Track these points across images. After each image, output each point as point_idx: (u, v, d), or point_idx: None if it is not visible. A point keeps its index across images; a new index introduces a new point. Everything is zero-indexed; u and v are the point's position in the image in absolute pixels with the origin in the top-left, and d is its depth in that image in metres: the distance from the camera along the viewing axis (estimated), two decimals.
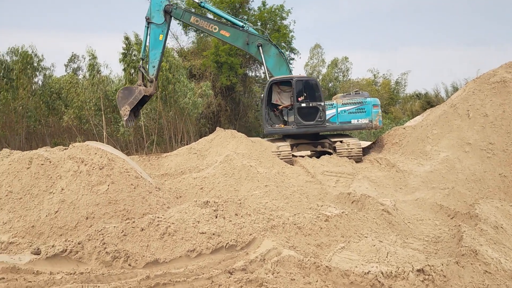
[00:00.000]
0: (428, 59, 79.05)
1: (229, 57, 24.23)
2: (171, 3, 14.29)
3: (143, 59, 14.10)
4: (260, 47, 14.38)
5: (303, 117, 13.37)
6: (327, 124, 13.65)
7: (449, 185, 9.16)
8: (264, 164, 10.62)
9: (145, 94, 13.70)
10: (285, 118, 13.95)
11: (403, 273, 4.67)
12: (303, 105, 13.41)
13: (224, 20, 15.46)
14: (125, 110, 13.30)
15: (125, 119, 13.32)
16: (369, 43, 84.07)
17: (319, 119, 13.45)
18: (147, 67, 13.88)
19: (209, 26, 14.37)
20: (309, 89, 13.66)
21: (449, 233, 6.57)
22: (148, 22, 13.81)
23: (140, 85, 13.73)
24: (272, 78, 14.02)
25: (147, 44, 13.97)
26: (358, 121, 13.86)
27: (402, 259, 5.30)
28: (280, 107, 14.01)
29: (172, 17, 14.22)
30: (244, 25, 14.80)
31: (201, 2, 15.12)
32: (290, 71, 15.00)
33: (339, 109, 13.84)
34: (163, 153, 15.80)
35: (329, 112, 13.72)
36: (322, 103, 13.56)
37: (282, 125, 13.78)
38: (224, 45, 24.36)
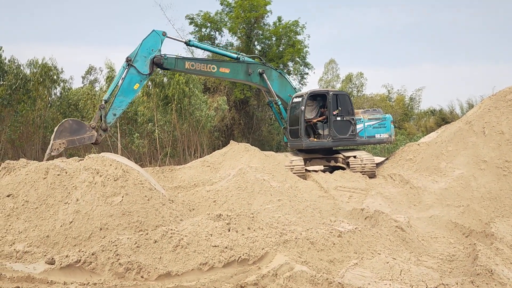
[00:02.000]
0: (443, 76, 78.54)
1: None
2: (162, 54, 12.57)
3: (106, 101, 11.80)
4: (263, 74, 14.02)
5: (338, 130, 13.57)
6: (357, 138, 13.92)
7: (464, 202, 9.05)
8: (277, 178, 10.62)
9: (92, 142, 11.51)
10: (320, 131, 13.95)
11: None
12: (338, 118, 13.61)
13: (218, 56, 14.52)
14: (59, 145, 10.81)
15: (52, 153, 10.65)
16: (384, 59, 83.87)
17: (351, 133, 13.71)
18: (107, 111, 11.66)
19: (207, 67, 13.22)
20: (342, 102, 13.88)
21: (464, 252, 6.49)
22: (129, 64, 11.98)
23: (94, 127, 11.37)
24: (311, 90, 14.13)
25: (118, 85, 12.03)
26: (380, 135, 14.27)
27: (416, 277, 5.24)
28: (314, 120, 14.04)
29: (161, 68, 12.95)
30: (239, 56, 14.18)
31: (189, 40, 13.98)
32: (294, 89, 15.09)
33: (366, 124, 14.17)
34: (177, 165, 15.90)
35: (358, 127, 14.01)
36: (354, 117, 13.83)
37: (314, 139, 13.82)
38: None
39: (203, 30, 27.57)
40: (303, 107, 13.35)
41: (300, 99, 13.75)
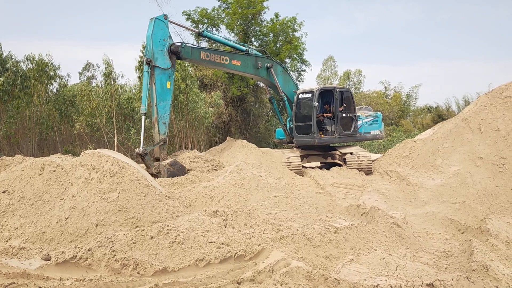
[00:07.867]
0: (440, 73, 78.84)
1: None
2: (176, 42, 12.24)
3: (145, 114, 11.60)
4: (271, 69, 13.92)
5: (343, 126, 13.81)
6: (358, 134, 14.27)
7: (460, 199, 9.08)
8: (274, 174, 10.62)
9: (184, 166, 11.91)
10: (328, 127, 14.04)
11: (412, 287, 4.62)
12: (344, 115, 13.87)
13: (228, 48, 14.49)
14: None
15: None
16: (382, 57, 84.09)
17: (354, 129, 14.00)
18: (158, 126, 11.76)
19: (220, 58, 12.92)
20: (346, 99, 14.10)
21: (460, 248, 6.51)
22: (150, 65, 11.39)
23: (165, 159, 11.99)
24: (321, 87, 14.23)
25: (153, 93, 11.62)
26: (374, 132, 14.74)
27: (412, 273, 5.26)
28: (325, 115, 14.16)
29: (178, 58, 12.41)
30: (248, 48, 14.09)
31: (203, 31, 13.79)
32: (296, 85, 15.13)
33: (364, 121, 14.56)
34: None
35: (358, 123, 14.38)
36: (356, 114, 14.15)
37: (322, 135, 13.90)
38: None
39: (200, 26, 27.52)
40: (316, 103, 13.35)
41: (307, 95, 13.76)
